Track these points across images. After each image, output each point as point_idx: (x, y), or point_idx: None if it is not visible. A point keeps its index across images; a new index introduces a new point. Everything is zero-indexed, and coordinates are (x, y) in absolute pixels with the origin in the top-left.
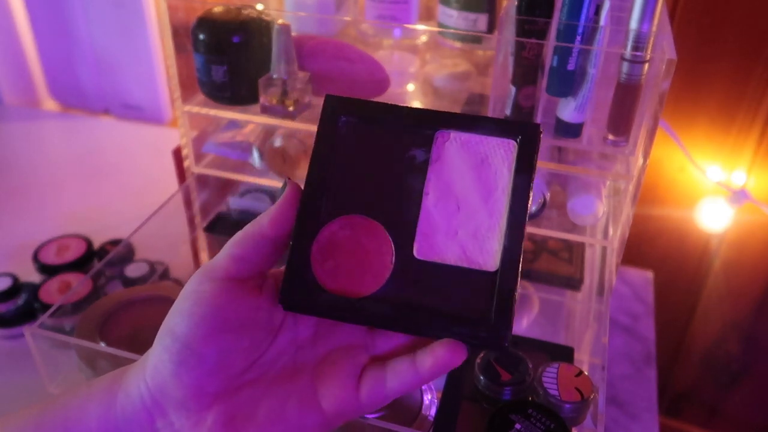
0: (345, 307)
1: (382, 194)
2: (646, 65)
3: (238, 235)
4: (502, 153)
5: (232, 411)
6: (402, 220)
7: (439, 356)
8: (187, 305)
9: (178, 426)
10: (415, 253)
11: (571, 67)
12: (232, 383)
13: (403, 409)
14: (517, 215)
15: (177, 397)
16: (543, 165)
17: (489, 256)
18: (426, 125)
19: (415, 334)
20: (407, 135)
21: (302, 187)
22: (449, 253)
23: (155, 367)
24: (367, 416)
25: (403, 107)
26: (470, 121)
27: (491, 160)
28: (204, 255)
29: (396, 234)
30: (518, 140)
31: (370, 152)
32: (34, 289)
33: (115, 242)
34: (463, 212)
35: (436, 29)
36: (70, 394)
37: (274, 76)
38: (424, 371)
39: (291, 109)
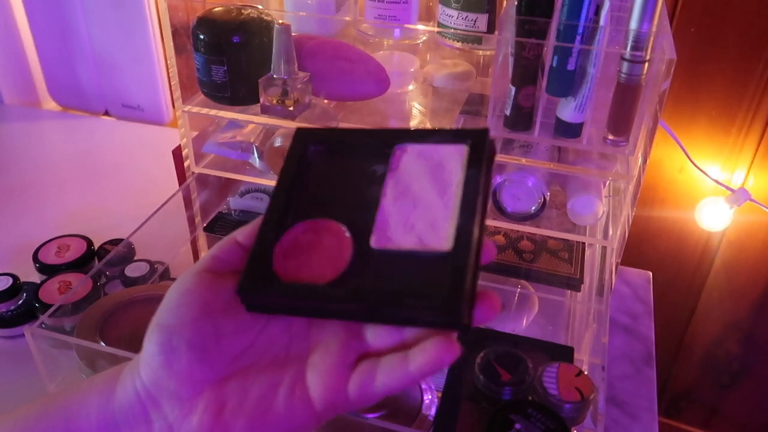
0: (300, 295)
1: (344, 203)
2: (646, 65)
3: (220, 241)
4: (456, 157)
5: (221, 399)
6: (362, 220)
7: (430, 353)
8: (170, 298)
9: (171, 418)
10: (371, 243)
11: (571, 67)
12: (223, 370)
13: (403, 409)
14: (470, 199)
15: (169, 387)
16: (543, 165)
17: (443, 239)
18: (386, 142)
19: (371, 320)
20: (369, 155)
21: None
22: (405, 241)
23: (146, 361)
24: (367, 416)
25: (365, 130)
26: (425, 133)
27: (446, 164)
28: (204, 255)
29: (356, 231)
30: (469, 144)
31: (334, 173)
32: (34, 289)
33: (115, 242)
34: (420, 208)
35: (436, 29)
36: (73, 388)
37: (274, 76)
38: (415, 368)
39: (291, 109)
